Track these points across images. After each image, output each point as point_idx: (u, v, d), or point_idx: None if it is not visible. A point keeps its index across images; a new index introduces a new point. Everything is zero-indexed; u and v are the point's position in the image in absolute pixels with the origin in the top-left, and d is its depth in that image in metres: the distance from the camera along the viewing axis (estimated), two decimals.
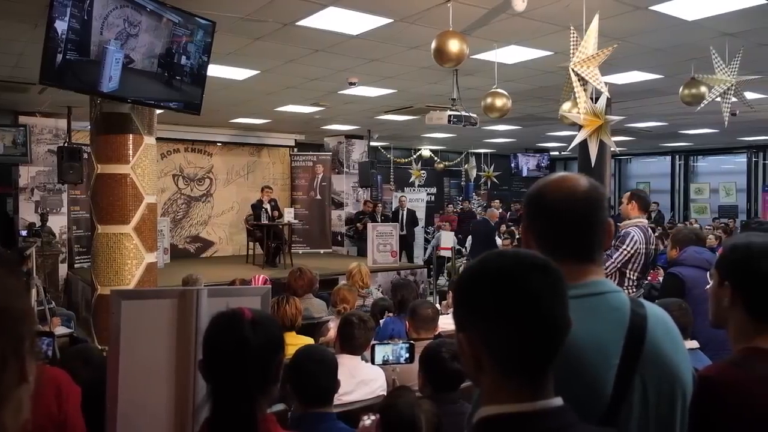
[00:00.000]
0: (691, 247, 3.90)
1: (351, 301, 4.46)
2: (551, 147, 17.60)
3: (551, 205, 1.24)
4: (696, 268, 3.71)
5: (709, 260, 3.72)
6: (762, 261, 1.37)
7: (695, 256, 3.80)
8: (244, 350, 1.42)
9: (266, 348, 1.47)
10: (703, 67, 5.95)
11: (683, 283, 3.63)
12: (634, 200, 4.39)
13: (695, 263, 3.74)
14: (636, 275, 4.15)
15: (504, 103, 6.19)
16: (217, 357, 1.46)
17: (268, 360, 1.47)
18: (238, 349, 1.42)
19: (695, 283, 3.60)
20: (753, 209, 16.30)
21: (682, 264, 3.81)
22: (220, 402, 1.43)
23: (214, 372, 1.46)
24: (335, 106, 9.82)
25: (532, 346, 0.94)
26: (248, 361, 1.41)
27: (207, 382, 1.47)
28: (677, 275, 3.72)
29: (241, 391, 1.42)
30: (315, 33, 5.71)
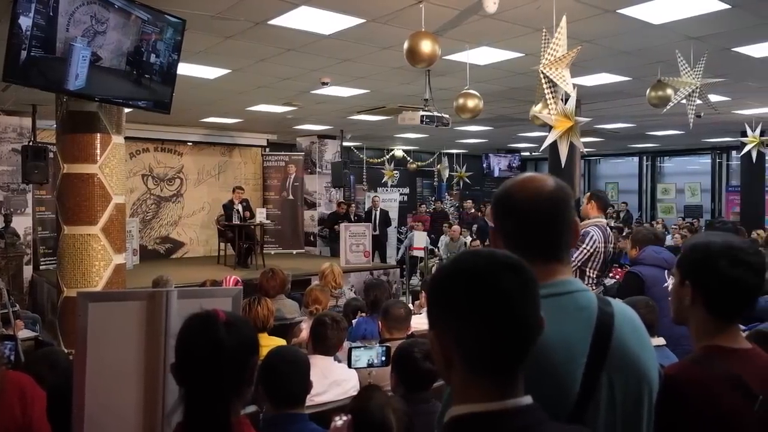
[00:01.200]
0: (650, 247, 4.00)
1: (323, 301, 4.44)
2: (522, 147, 17.79)
3: (518, 206, 1.25)
4: (655, 267, 3.81)
5: (667, 259, 3.84)
6: (721, 261, 1.40)
7: (654, 255, 3.90)
8: (218, 352, 1.40)
9: (240, 350, 1.45)
10: (669, 70, 6.08)
11: (643, 282, 3.72)
12: (594, 200, 4.49)
13: (654, 262, 3.85)
14: (595, 273, 4.25)
15: (476, 103, 6.24)
16: (190, 360, 1.44)
17: (243, 362, 1.46)
18: (212, 351, 1.40)
19: (654, 282, 3.72)
20: (717, 209, 16.71)
21: (641, 263, 3.91)
22: (193, 406, 1.41)
23: (188, 375, 1.44)
24: (307, 106, 9.78)
25: (502, 345, 0.94)
26: (222, 364, 1.40)
27: (179, 385, 1.45)
28: (637, 274, 3.82)
29: (215, 394, 1.40)
30: (287, 32, 5.68)
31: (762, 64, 6.88)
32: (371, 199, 13.16)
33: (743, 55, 6.54)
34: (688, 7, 5.02)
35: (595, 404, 1.14)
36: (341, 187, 13.09)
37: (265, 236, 11.15)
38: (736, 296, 1.43)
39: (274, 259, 9.94)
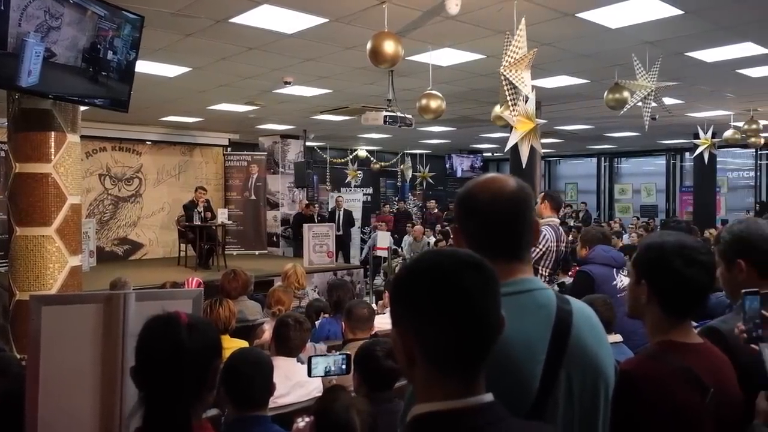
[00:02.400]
0: (599, 246, 4.11)
1: (286, 302, 4.41)
2: (484, 148, 18.00)
3: (480, 206, 1.26)
4: (604, 265, 3.93)
5: (616, 258, 3.97)
6: (675, 261, 1.45)
7: (603, 254, 4.02)
8: (179, 355, 1.37)
9: (203, 353, 1.43)
10: (626, 73, 6.24)
11: (593, 280, 3.83)
12: (547, 200, 4.60)
13: (603, 261, 3.96)
14: (548, 271, 4.37)
15: (438, 104, 6.28)
16: (151, 363, 1.41)
17: (205, 365, 1.44)
18: (173, 354, 1.38)
19: (603, 280, 3.82)
20: (671, 208, 17.22)
21: (591, 262, 4.02)
22: (154, 410, 1.38)
23: (148, 378, 1.41)
24: (270, 106, 9.70)
25: (464, 343, 0.95)
26: (185, 367, 1.37)
27: (139, 389, 1.42)
28: (587, 273, 3.93)
29: (177, 397, 1.37)
30: (249, 30, 5.62)
31: (713, 69, 7.12)
32: (335, 200, 13.11)
33: (696, 60, 6.76)
34: (644, 12, 5.16)
35: (554, 400, 1.16)
36: (304, 188, 13.01)
37: (226, 237, 11.01)
38: (689, 294, 1.47)
39: (236, 260, 9.83)
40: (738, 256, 1.76)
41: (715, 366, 1.44)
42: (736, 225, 1.85)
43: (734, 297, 1.78)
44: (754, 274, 1.73)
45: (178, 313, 1.45)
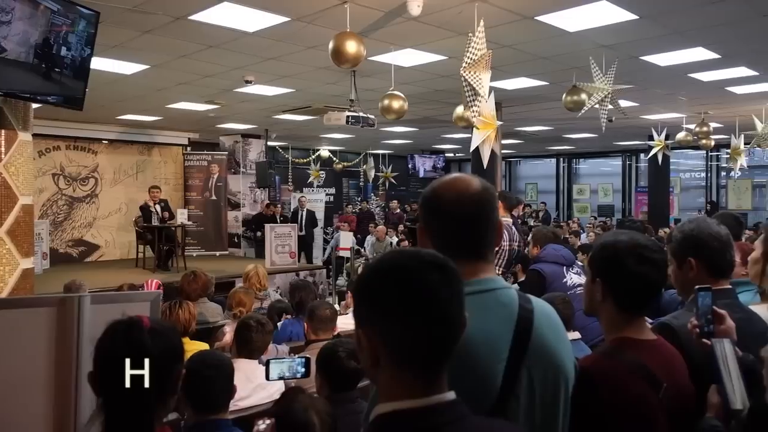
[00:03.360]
0: (549, 245, 4.22)
1: (248, 304, 4.36)
2: (447, 149, 18.14)
3: (445, 206, 1.27)
4: (555, 264, 4.02)
5: (566, 256, 4.09)
6: (627, 259, 1.49)
7: (553, 253, 4.12)
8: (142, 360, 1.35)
9: (165, 357, 1.40)
10: (584, 75, 6.37)
11: (544, 278, 3.93)
12: (501, 200, 4.68)
13: (554, 259, 4.06)
14: (501, 270, 4.46)
15: (401, 105, 6.31)
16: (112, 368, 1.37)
17: (168, 370, 1.41)
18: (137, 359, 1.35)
19: (554, 277, 3.94)
20: (627, 208, 17.67)
21: (542, 261, 4.12)
22: (114, 416, 1.35)
23: (109, 384, 1.37)
24: (231, 105, 9.58)
25: (428, 342, 0.96)
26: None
27: (98, 395, 1.39)
28: (539, 271, 4.03)
29: (139, 403, 1.35)
30: (209, 28, 5.54)
31: (667, 72, 7.34)
32: (297, 200, 13.03)
33: (650, 64, 6.95)
34: (601, 16, 5.28)
35: (515, 398, 1.18)
36: (266, 188, 12.88)
37: (186, 238, 10.83)
38: (641, 291, 1.52)
39: (196, 262, 9.68)
40: (689, 254, 1.82)
41: (667, 361, 1.49)
42: (687, 224, 1.91)
43: (685, 294, 1.83)
44: (705, 272, 1.79)
45: (140, 317, 1.43)
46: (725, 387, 1.41)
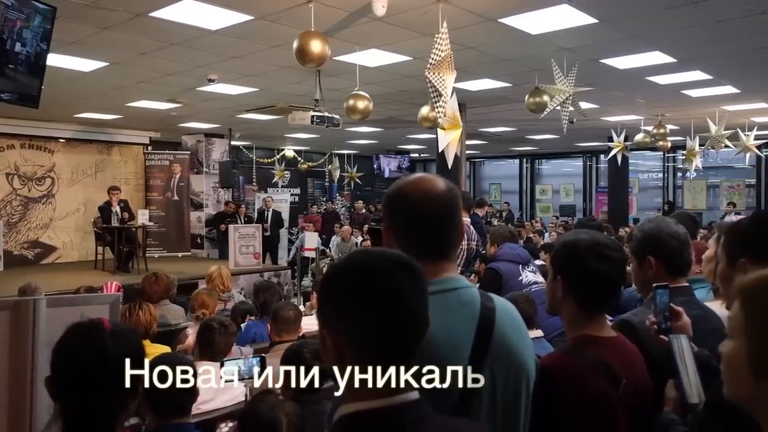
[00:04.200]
0: (506, 244, 4.30)
1: (210, 305, 4.30)
2: (412, 149, 18.21)
3: (410, 205, 1.27)
4: (511, 262, 4.09)
5: (521, 255, 4.18)
6: (587, 257, 1.52)
7: (510, 251, 4.20)
8: (104, 363, 1.32)
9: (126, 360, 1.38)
10: (546, 77, 6.47)
11: (500, 276, 4.00)
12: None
13: (510, 258, 4.14)
14: (459, 269, 4.50)
15: (366, 105, 6.31)
16: (72, 371, 1.34)
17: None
18: (97, 362, 1.32)
19: (510, 276, 4.03)
20: (588, 208, 18.02)
21: (499, 259, 4.19)
22: (73, 422, 1.32)
23: (67, 389, 1.34)
24: (193, 103, 9.43)
25: (394, 341, 0.97)
26: (108, 375, 1.32)
27: (56, 400, 1.35)
28: (495, 269, 4.12)
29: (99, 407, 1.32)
30: (170, 25, 5.44)
31: (625, 75, 7.51)
32: (263, 200, 12.91)
33: (609, 66, 7.10)
34: (562, 19, 5.37)
35: (477, 396, 1.18)
36: (230, 188, 12.72)
37: (147, 239, 10.63)
38: (601, 289, 1.55)
39: (157, 263, 9.50)
40: (648, 253, 1.86)
41: (627, 358, 1.52)
42: (647, 224, 1.96)
43: (644, 292, 1.88)
44: (663, 270, 1.84)
45: (101, 319, 1.40)
46: (682, 382, 1.45)
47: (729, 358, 0.94)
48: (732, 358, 0.93)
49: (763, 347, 0.88)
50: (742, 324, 0.91)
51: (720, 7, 5.07)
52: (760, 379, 0.87)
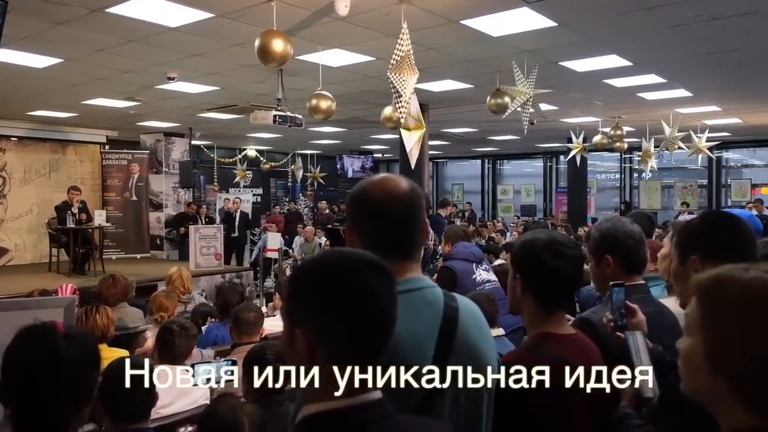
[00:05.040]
0: (460, 243, 4.36)
1: (170, 308, 4.22)
2: (375, 149, 18.23)
3: (374, 205, 1.28)
4: (465, 260, 4.15)
5: (475, 253, 4.25)
6: (545, 255, 1.55)
7: (463, 250, 4.26)
8: (56, 367, 1.28)
9: (81, 364, 1.35)
10: (507, 79, 6.56)
11: (455, 275, 4.05)
12: None
13: (464, 257, 4.21)
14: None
15: (329, 105, 6.28)
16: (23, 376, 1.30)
17: (83, 377, 1.36)
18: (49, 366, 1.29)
19: (464, 274, 4.09)
20: (548, 208, 18.34)
21: (453, 258, 4.24)
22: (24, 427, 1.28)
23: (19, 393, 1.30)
24: (152, 102, 9.24)
25: (364, 341, 0.97)
26: (61, 380, 1.29)
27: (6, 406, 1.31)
28: (450, 268, 4.18)
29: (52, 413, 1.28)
30: (128, 22, 5.32)
31: (584, 78, 7.66)
32: (231, 201, 12.75)
33: (568, 69, 7.24)
34: (522, 22, 5.45)
35: (441, 395, 1.19)
36: (190, 188, 12.52)
37: (104, 240, 10.37)
38: (558, 286, 1.59)
39: (115, 265, 9.30)
40: (606, 252, 1.91)
41: (585, 354, 1.56)
42: (604, 223, 2.01)
43: (603, 290, 1.92)
44: (620, 268, 1.89)
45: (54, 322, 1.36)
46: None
47: (686, 354, 0.97)
48: (689, 354, 0.96)
49: (719, 344, 0.91)
50: (699, 321, 0.94)
51: (673, 13, 5.22)
52: (716, 374, 0.90)
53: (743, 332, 0.89)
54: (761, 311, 0.88)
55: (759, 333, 0.87)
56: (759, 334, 0.87)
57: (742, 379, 0.88)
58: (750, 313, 0.89)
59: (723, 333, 0.91)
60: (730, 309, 0.91)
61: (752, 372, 0.87)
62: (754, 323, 0.88)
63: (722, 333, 0.91)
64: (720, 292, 0.93)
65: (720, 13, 5.23)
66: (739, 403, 0.88)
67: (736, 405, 0.88)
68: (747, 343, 0.88)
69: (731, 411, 0.90)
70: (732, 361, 0.89)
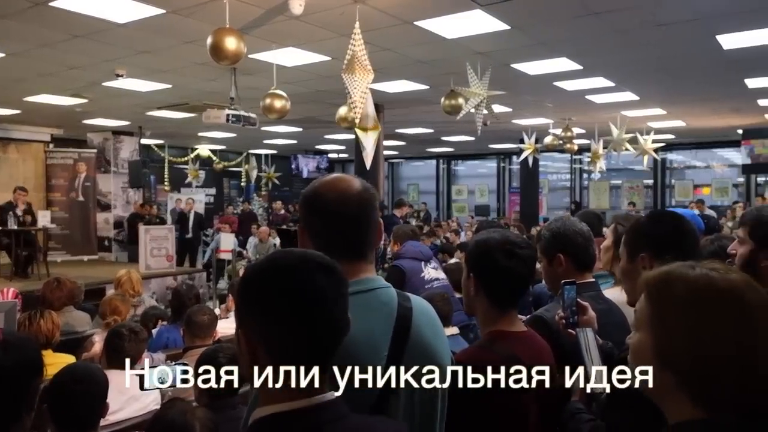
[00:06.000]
0: (409, 242, 4.42)
1: (123, 312, 4.09)
2: (330, 149, 18.16)
3: (327, 205, 1.27)
4: (414, 259, 4.21)
5: (423, 252, 4.32)
6: (498, 255, 1.58)
7: (412, 249, 4.32)
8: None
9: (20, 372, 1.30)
10: (461, 81, 6.63)
11: (404, 274, 4.09)
12: None
13: (413, 255, 4.26)
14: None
15: (283, 104, 6.23)
16: None
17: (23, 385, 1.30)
18: None
19: (413, 273, 4.13)
20: (502, 208, 18.64)
21: (402, 257, 4.28)
22: None
23: None
24: (100, 99, 8.97)
25: (313, 343, 0.96)
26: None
27: None
28: (399, 267, 4.22)
29: None
30: (74, 17, 5.15)
31: (535, 80, 7.82)
32: (185, 201, 12.48)
33: (521, 72, 7.37)
34: (476, 25, 5.52)
35: (395, 395, 1.20)
36: (140, 188, 12.22)
37: (49, 242, 10.00)
38: (510, 285, 1.61)
39: (60, 267, 9.00)
40: (557, 250, 1.95)
41: (537, 351, 1.59)
42: (554, 223, 2.05)
43: (555, 289, 1.96)
44: (572, 266, 1.93)
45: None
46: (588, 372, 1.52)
47: (635, 349, 0.99)
48: (638, 349, 0.99)
49: (667, 340, 0.93)
50: (648, 317, 0.97)
51: (620, 19, 5.38)
52: (664, 369, 0.93)
53: (689, 328, 0.91)
54: (706, 308, 0.91)
55: (704, 329, 0.90)
56: (704, 330, 0.90)
57: (689, 373, 0.91)
58: (695, 309, 0.92)
59: (670, 329, 0.93)
60: (676, 305, 0.94)
61: (698, 367, 0.90)
62: (699, 319, 0.91)
63: (669, 329, 0.93)
64: (667, 289, 0.96)
65: (664, 20, 5.42)
66: (685, 397, 0.91)
67: (683, 399, 0.91)
68: (692, 339, 0.91)
69: (678, 405, 0.92)
70: (678, 357, 0.91)
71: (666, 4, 5.06)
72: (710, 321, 0.90)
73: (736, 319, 0.90)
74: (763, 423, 0.87)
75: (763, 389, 0.87)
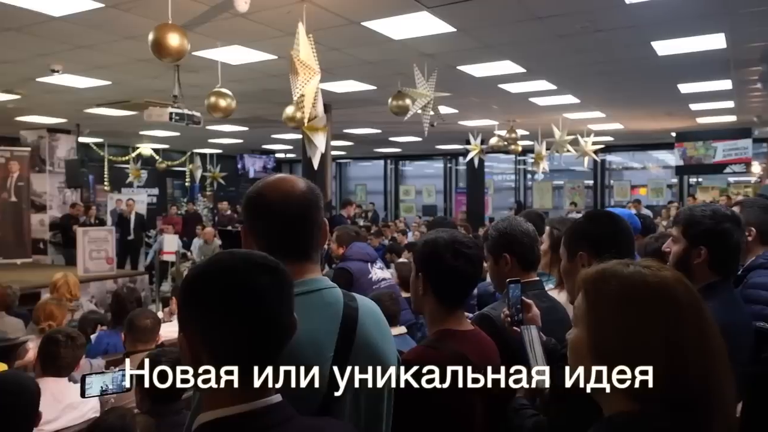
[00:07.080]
0: (355, 244, 4.45)
1: (59, 317, 3.94)
2: (277, 149, 17.95)
3: (270, 206, 1.26)
4: (360, 261, 4.25)
5: (370, 253, 4.38)
6: (445, 254, 1.60)
7: (359, 251, 4.36)
8: None
9: None
10: (408, 82, 6.67)
11: (351, 275, 4.12)
12: None
13: (360, 257, 4.30)
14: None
15: (228, 103, 6.12)
16: None
17: None
18: None
19: (360, 274, 4.17)
20: (449, 208, 18.87)
21: (348, 259, 4.31)
22: None
23: None
24: (34, 95, 8.60)
25: (255, 345, 0.95)
26: None
27: None
28: (346, 269, 4.23)
29: None
30: (5, 8, 4.91)
31: (481, 82, 7.95)
32: (125, 202, 12.09)
33: (466, 74, 7.48)
34: (422, 26, 5.57)
35: (341, 396, 1.19)
36: (78, 188, 11.77)
37: None
38: (457, 284, 1.63)
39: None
40: (503, 250, 1.99)
41: (483, 349, 1.61)
42: (501, 223, 2.09)
43: (501, 288, 2.00)
44: (518, 266, 1.97)
45: None
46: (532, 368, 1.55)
47: (573, 344, 1.02)
48: (575, 344, 1.01)
49: (601, 334, 0.96)
50: (584, 313, 1.00)
51: (562, 24, 5.53)
52: (599, 363, 0.96)
53: (621, 323, 0.95)
54: (637, 304, 0.95)
55: (634, 324, 0.94)
56: (634, 325, 0.94)
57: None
58: (627, 305, 0.95)
59: (604, 324, 0.97)
60: (610, 302, 0.97)
61: (629, 361, 0.93)
62: (630, 315, 0.94)
63: (603, 324, 0.97)
64: (602, 285, 0.99)
65: (603, 26, 5.60)
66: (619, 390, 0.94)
67: (618, 392, 0.94)
68: (624, 334, 0.94)
69: (613, 398, 0.95)
70: (611, 351, 0.95)
71: (605, 10, 5.23)
72: (641, 316, 0.94)
73: (666, 316, 0.93)
74: (691, 415, 0.91)
75: (691, 383, 0.91)
